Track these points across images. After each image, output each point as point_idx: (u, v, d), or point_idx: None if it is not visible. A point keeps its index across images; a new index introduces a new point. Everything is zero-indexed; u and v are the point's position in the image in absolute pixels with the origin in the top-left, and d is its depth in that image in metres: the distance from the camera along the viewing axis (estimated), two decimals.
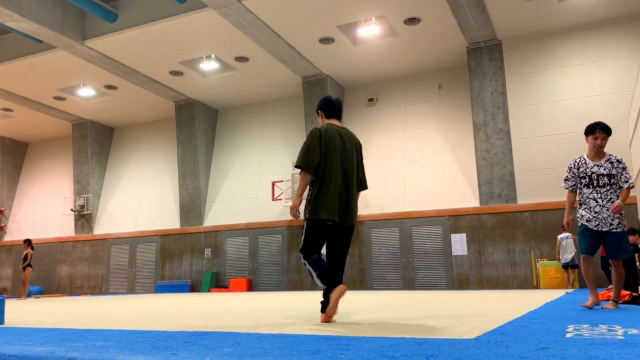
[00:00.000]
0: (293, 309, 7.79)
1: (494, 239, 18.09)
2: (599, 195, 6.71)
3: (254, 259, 22.23)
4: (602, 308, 6.56)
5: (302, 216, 6.02)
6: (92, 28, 18.43)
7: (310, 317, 6.05)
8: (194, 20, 17.20)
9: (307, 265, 5.25)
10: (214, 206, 23.46)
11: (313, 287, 20.28)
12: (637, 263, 15.63)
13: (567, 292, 12.60)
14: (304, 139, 19.02)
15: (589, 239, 6.77)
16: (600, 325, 4.31)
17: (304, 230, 5.23)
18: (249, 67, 20.30)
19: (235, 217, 22.93)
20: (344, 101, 21.76)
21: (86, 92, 22.67)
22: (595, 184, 6.74)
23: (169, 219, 24.34)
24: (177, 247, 23.55)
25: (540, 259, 17.53)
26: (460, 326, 4.54)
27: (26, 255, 18.59)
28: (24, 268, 18.59)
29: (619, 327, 4.18)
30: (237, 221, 22.69)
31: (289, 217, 21.37)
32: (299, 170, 12.68)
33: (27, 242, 18.88)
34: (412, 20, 17.14)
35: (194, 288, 22.88)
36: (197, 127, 23.54)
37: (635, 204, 15.71)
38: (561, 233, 16.75)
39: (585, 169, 6.82)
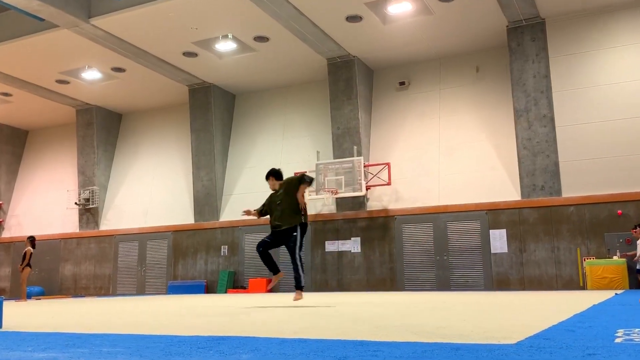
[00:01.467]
0: (317, 312, 8.19)
1: (537, 236, 19.68)
2: None
3: (274, 256, 23.60)
4: None
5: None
6: (98, 5, 20.04)
7: (336, 320, 6.40)
8: None
9: (302, 264, 10.81)
10: (231, 199, 25.21)
11: (340, 288, 22.11)
12: (636, 257, 17.28)
13: (616, 294, 13.45)
14: (330, 127, 20.54)
15: None
16: None
17: (300, 236, 10.61)
18: (269, 48, 22.01)
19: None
20: (373, 85, 23.49)
21: (91, 75, 24.58)
22: None
23: (182, 214, 26.14)
24: (191, 244, 25.38)
25: (587, 257, 18.96)
26: (500, 330, 4.78)
27: (25, 254, 20.32)
28: (23, 268, 20.28)
29: None
30: None
31: (313, 211, 23.29)
32: (323, 161, 22.32)
33: (31, 239, 20.70)
34: None
35: (209, 289, 24.90)
36: (213, 113, 25.41)
37: None
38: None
39: None
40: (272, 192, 10.97)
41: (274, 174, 10.89)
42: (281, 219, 10.63)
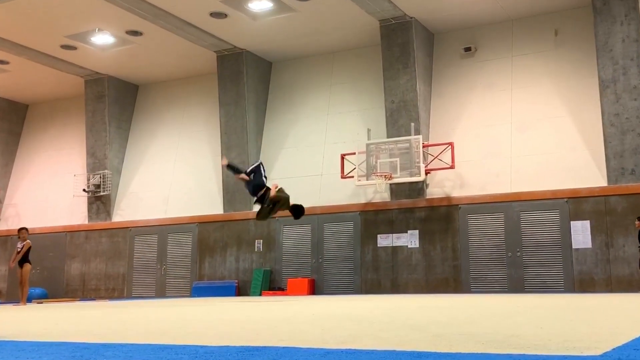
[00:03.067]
0: (367, 317, 8.49)
1: (626, 228, 20.67)
2: None
3: (317, 253, 25.22)
4: None
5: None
6: None
7: (389, 327, 6.68)
8: None
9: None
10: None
11: (394, 289, 23.32)
12: None
13: None
14: (383, 100, 21.24)
15: None
16: None
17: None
18: (313, 7, 23.06)
19: (293, 199, 24.81)
20: (433, 51, 24.49)
21: (103, 39, 25.60)
22: None
23: (209, 203, 27.56)
24: (220, 239, 26.76)
25: None
26: (582, 339, 4.91)
27: (23, 247, 21.25)
28: (21, 264, 21.11)
29: None
30: None
31: (362, 200, 24.37)
32: (375, 140, 23.57)
33: (26, 230, 21.81)
34: None
35: (241, 290, 26.03)
36: (245, 85, 26.64)
37: None
38: None
39: None
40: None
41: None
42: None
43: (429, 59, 24.62)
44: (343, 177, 24.19)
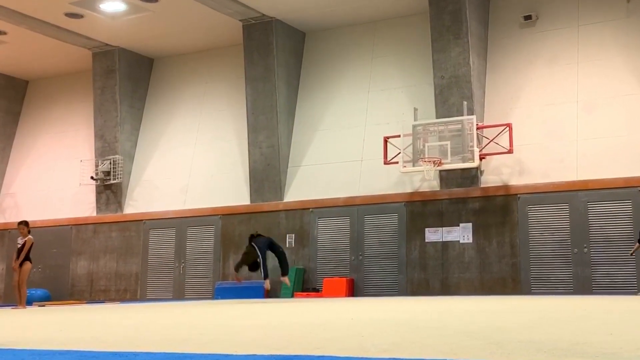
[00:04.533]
0: (414, 322, 8.62)
1: None
2: None
3: (357, 249, 26.28)
4: None
5: None
6: None
7: (438, 333, 6.82)
8: None
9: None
10: (299, 173, 27.79)
11: (444, 290, 24.35)
12: None
13: None
14: (431, 76, 22.03)
15: None
16: None
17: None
18: None
19: (330, 188, 26.90)
20: (489, 20, 25.79)
21: (113, 5, 26.52)
22: None
23: (233, 192, 28.73)
24: (246, 233, 26.91)
25: None
26: None
27: (24, 245, 22.10)
28: (21, 262, 21.90)
29: None
30: (333, 194, 26.74)
31: (408, 189, 25.59)
32: (422, 121, 24.65)
33: (26, 224, 22.54)
34: None
35: (269, 292, 26.79)
36: (275, 58, 27.67)
37: None
38: None
39: None
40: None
41: None
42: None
43: (484, 28, 25.47)
44: (386, 163, 24.91)
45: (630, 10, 23.74)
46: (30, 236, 22.04)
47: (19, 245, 21.94)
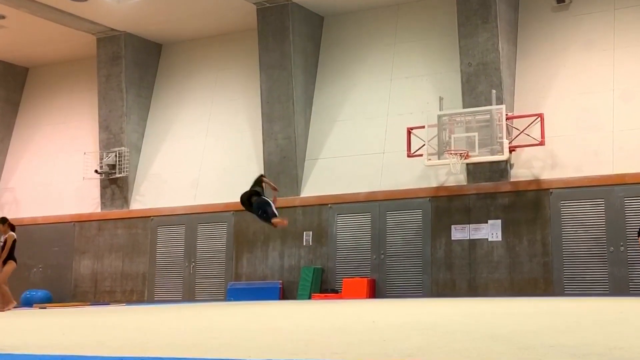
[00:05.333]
0: (439, 326, 8.80)
1: None
2: None
3: (379, 248, 26.86)
4: None
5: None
6: None
7: (464, 337, 6.99)
8: None
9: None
10: (316, 166, 28.43)
11: (472, 292, 24.90)
12: None
13: None
14: (457, 63, 22.60)
15: None
16: None
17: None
18: None
19: (349, 182, 27.45)
20: (519, 3, 26.32)
21: None
22: None
23: (247, 187, 28.09)
24: (260, 230, 28.49)
25: None
26: None
27: (5, 242, 22.70)
28: (4, 261, 22.43)
29: None
30: (353, 189, 27.25)
31: (433, 183, 26.24)
32: (448, 111, 25.17)
33: (4, 221, 23.05)
34: None
35: (285, 293, 27.79)
36: (292, 43, 28.27)
37: None
38: None
39: None
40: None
41: None
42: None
43: (514, 12, 25.98)
44: (410, 155, 25.35)
45: None
46: (11, 233, 22.46)
47: (1, 244, 22.36)
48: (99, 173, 31.06)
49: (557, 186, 24.21)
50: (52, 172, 33.32)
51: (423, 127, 25.00)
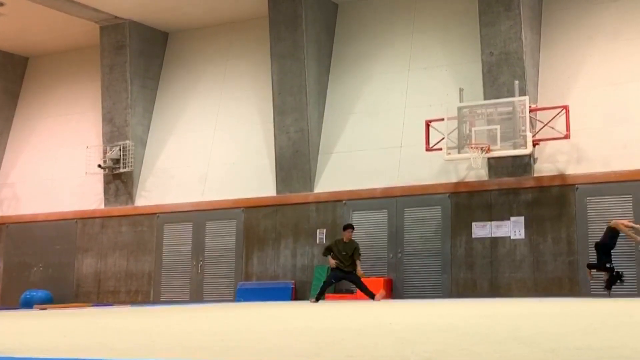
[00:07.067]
0: (459, 328, 8.80)
1: None
2: None
3: (396, 246, 26.74)
4: None
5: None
6: None
7: (485, 339, 6.98)
8: None
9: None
10: (330, 160, 28.19)
11: (493, 292, 24.68)
12: None
13: None
14: (479, 52, 22.42)
15: None
16: None
17: None
18: None
19: (365, 178, 27.24)
20: None
21: None
22: None
23: (257, 182, 29.20)
24: (271, 227, 28.41)
25: None
26: None
27: None
28: None
29: None
30: (369, 185, 27.09)
31: (453, 178, 26.02)
32: (468, 103, 24.98)
33: None
34: None
35: (298, 293, 27.63)
36: (305, 32, 28.07)
37: None
38: None
39: None
40: (341, 239, 24.20)
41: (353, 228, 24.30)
42: (350, 266, 23.88)
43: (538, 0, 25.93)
44: (428, 149, 25.22)
45: None
46: None
47: None
48: (102, 168, 30.91)
49: (583, 181, 23.94)
50: (53, 167, 33.18)
51: (442, 119, 24.84)
